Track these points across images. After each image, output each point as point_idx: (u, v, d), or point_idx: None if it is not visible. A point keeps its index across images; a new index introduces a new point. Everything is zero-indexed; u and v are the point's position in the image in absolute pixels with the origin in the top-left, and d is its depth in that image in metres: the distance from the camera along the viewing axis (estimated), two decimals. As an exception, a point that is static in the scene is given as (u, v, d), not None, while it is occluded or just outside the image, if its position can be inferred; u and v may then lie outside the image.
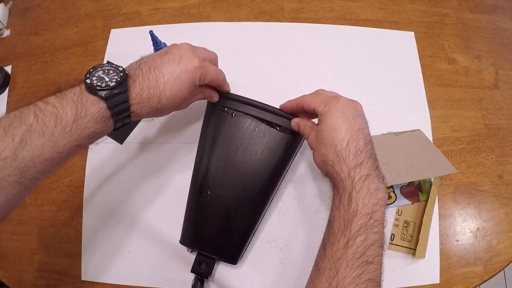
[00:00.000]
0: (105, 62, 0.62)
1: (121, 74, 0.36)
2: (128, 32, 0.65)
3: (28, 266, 0.53)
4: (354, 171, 0.36)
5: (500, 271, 0.51)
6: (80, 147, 0.34)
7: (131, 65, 0.39)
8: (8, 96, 0.63)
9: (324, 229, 0.38)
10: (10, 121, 0.31)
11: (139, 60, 0.39)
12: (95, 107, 0.34)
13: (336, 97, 0.40)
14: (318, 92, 0.43)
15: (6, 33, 0.69)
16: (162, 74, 0.37)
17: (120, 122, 0.36)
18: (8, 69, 0.65)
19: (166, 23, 0.65)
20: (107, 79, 0.35)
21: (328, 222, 0.38)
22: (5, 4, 0.71)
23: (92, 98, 0.34)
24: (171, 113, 0.44)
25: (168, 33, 0.60)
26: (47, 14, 0.70)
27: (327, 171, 0.39)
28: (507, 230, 0.53)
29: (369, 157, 0.37)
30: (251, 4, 0.67)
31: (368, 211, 0.34)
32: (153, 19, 0.66)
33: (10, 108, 0.62)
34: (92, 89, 0.34)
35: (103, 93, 0.34)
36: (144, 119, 0.40)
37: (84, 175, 0.55)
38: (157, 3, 0.68)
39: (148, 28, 0.53)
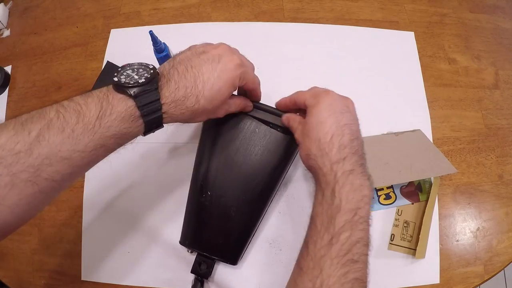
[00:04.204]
0: (105, 62, 0.62)
1: (151, 71, 0.34)
2: (128, 32, 0.65)
3: (28, 266, 0.53)
4: (337, 166, 0.34)
5: (500, 271, 0.51)
6: (106, 149, 0.32)
7: (163, 65, 0.37)
8: (8, 96, 0.63)
9: None
10: (29, 116, 0.29)
11: (172, 60, 0.37)
12: (122, 105, 0.31)
13: (326, 91, 0.40)
14: (311, 88, 0.43)
15: (6, 33, 0.69)
16: (201, 73, 0.35)
17: (152, 124, 0.34)
18: (8, 69, 0.65)
19: (166, 23, 0.65)
20: (136, 76, 0.33)
21: (310, 218, 0.36)
22: (5, 4, 0.71)
23: (119, 96, 0.32)
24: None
25: (168, 33, 0.60)
26: (47, 14, 0.70)
27: (310, 165, 0.38)
28: (507, 230, 0.53)
29: (353, 152, 0.35)
30: (251, 4, 0.67)
31: (353, 207, 0.33)
32: (153, 19, 0.66)
33: (10, 108, 0.62)
34: (120, 87, 0.32)
35: (131, 91, 0.31)
36: (177, 123, 0.38)
37: (84, 175, 0.55)
38: (157, 3, 0.68)
39: (148, 28, 0.53)
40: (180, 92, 0.34)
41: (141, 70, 0.34)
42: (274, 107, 0.46)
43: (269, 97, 0.48)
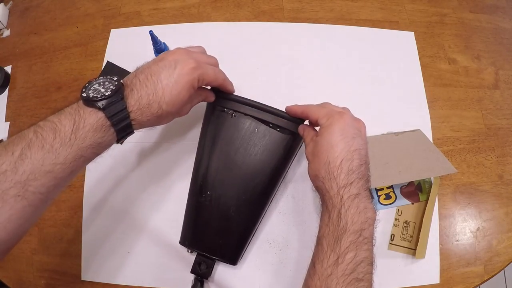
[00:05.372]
0: (105, 62, 0.62)
1: (116, 83, 0.36)
2: (128, 32, 0.65)
3: (28, 266, 0.53)
4: (344, 190, 0.36)
5: (500, 271, 0.51)
6: (84, 159, 0.34)
7: (128, 76, 0.39)
8: (8, 96, 0.63)
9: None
10: (11, 140, 0.31)
11: (135, 70, 0.39)
12: (93, 117, 0.34)
13: (341, 113, 0.40)
14: (324, 105, 0.43)
15: (6, 33, 0.69)
16: (159, 80, 0.37)
17: (123, 132, 0.36)
18: (8, 69, 0.65)
19: (166, 23, 0.65)
20: (103, 90, 0.35)
21: (317, 239, 0.38)
22: (5, 4, 0.71)
23: (89, 109, 0.34)
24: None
25: (168, 33, 0.60)
26: (47, 14, 0.70)
27: (318, 186, 0.39)
28: (507, 230, 0.53)
29: (360, 177, 0.37)
30: (251, 4, 0.67)
31: (357, 229, 0.35)
32: (153, 19, 0.66)
33: (10, 108, 0.62)
34: (89, 102, 0.34)
35: (99, 104, 0.34)
36: (147, 127, 0.40)
37: (84, 175, 0.55)
38: (157, 3, 0.68)
39: (148, 28, 0.53)
40: (143, 100, 0.36)
41: (106, 83, 0.36)
42: (274, 107, 0.46)
43: (269, 97, 0.48)
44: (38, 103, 0.62)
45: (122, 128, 0.35)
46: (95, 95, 0.34)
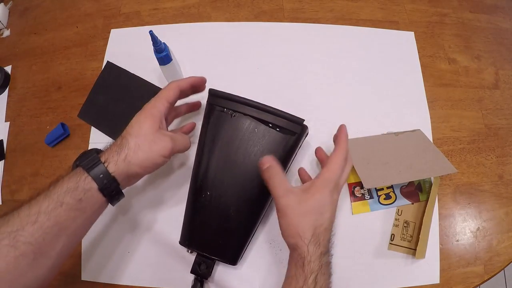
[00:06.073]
0: (105, 62, 0.62)
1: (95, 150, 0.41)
2: (128, 32, 0.65)
3: (28, 266, 0.53)
4: (324, 257, 0.38)
5: (500, 271, 0.51)
6: (67, 206, 0.36)
7: None
8: (8, 96, 0.63)
9: None
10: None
11: None
12: (69, 171, 0.39)
13: (341, 180, 0.42)
14: (347, 156, 0.43)
15: (6, 33, 0.69)
16: (129, 125, 0.41)
17: (98, 175, 0.38)
18: (8, 69, 0.65)
19: (166, 23, 0.65)
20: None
21: None
22: (5, 4, 0.71)
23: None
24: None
25: (168, 33, 0.60)
26: (47, 14, 0.70)
27: (296, 245, 0.39)
28: (507, 230, 0.53)
29: (331, 247, 0.40)
30: (251, 4, 0.67)
31: None
32: (153, 19, 0.66)
33: (10, 108, 0.62)
34: (73, 167, 0.39)
35: (77, 162, 0.38)
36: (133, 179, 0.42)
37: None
38: (157, 3, 0.68)
39: (148, 28, 0.53)
40: (117, 142, 0.40)
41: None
42: (274, 107, 0.46)
43: (269, 97, 0.48)
44: (38, 103, 0.62)
45: (97, 171, 0.38)
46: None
